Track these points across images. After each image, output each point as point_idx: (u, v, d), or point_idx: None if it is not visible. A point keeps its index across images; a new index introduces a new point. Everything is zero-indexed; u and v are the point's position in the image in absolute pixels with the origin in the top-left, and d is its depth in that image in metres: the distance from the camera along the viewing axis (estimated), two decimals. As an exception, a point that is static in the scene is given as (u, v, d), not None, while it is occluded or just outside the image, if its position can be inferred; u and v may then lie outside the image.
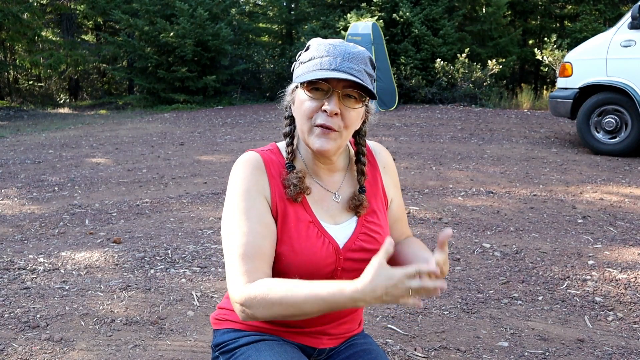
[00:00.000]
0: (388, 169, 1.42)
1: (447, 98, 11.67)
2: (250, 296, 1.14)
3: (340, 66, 1.17)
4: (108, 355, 2.13)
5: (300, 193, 1.26)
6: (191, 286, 2.79)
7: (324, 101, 1.19)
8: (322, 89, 1.20)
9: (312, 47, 1.23)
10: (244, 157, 1.28)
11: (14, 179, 5.37)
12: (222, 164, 5.98)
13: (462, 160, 5.98)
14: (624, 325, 2.43)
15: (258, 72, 14.77)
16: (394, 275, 1.02)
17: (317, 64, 1.19)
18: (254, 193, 1.23)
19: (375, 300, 1.04)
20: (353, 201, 1.31)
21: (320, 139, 1.20)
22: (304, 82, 1.20)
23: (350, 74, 1.17)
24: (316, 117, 1.20)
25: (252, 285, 1.15)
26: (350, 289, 1.05)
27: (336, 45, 1.20)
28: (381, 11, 12.38)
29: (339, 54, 1.19)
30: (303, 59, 1.24)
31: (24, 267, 3.03)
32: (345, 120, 1.20)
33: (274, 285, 1.13)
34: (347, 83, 1.19)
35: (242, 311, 1.16)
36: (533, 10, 15.55)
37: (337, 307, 1.09)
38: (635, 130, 6.01)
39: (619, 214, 4.04)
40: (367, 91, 1.19)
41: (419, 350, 2.21)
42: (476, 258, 3.20)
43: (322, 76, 1.16)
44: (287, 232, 1.24)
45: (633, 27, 5.89)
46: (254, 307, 1.13)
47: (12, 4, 12.71)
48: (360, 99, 1.22)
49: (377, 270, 1.03)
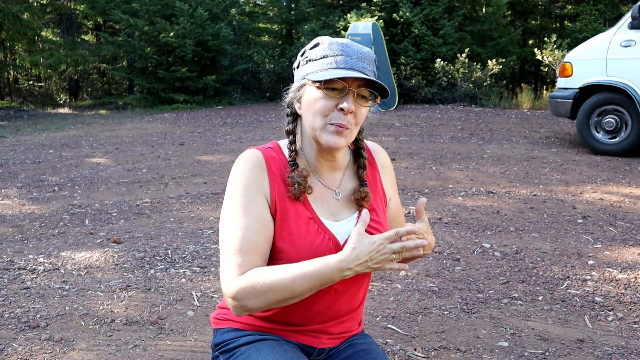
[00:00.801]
0: (386, 168, 1.44)
1: (447, 98, 11.67)
2: (241, 287, 1.15)
3: (355, 65, 1.19)
4: (108, 355, 2.13)
5: (302, 192, 1.27)
6: (191, 286, 2.79)
7: (340, 100, 1.20)
8: (338, 87, 1.21)
9: (323, 45, 1.23)
10: (245, 154, 1.29)
11: (14, 179, 5.37)
12: (222, 164, 5.98)
13: (462, 160, 5.98)
14: (624, 325, 2.43)
15: (258, 72, 14.78)
16: (374, 239, 1.10)
17: (332, 62, 1.20)
18: (253, 189, 1.25)
19: (360, 267, 1.10)
20: (357, 194, 1.33)
21: (334, 136, 1.22)
22: (319, 80, 1.20)
23: (365, 73, 1.19)
24: (331, 115, 1.21)
25: (241, 277, 1.17)
26: (335, 259, 1.11)
27: (349, 45, 1.22)
28: (381, 11, 12.38)
29: (354, 54, 1.20)
30: (313, 56, 1.24)
31: (24, 267, 3.03)
32: (356, 118, 1.23)
33: (261, 272, 1.16)
34: (361, 82, 1.20)
35: (235, 306, 1.17)
36: (533, 10, 15.56)
37: (326, 280, 1.13)
38: (635, 130, 6.01)
39: (619, 214, 4.04)
40: (381, 90, 1.22)
41: (419, 350, 2.21)
42: (476, 258, 3.20)
43: (341, 75, 1.17)
44: (287, 228, 1.25)
45: (633, 27, 5.89)
46: (246, 298, 1.15)
47: (12, 4, 12.71)
48: (370, 98, 1.24)
49: (357, 237, 1.10)
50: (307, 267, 1.13)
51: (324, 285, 1.14)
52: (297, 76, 1.29)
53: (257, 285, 1.14)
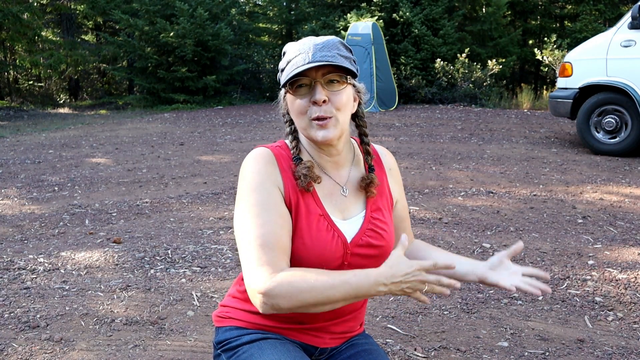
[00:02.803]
0: (393, 171, 1.46)
1: (447, 98, 11.67)
2: (277, 286, 1.13)
3: (313, 58, 1.21)
4: (108, 355, 2.13)
5: (310, 183, 1.28)
6: (191, 286, 2.79)
7: (310, 94, 1.23)
8: (305, 84, 1.24)
9: (287, 52, 1.28)
10: (255, 152, 1.30)
11: (14, 179, 5.37)
12: (222, 164, 5.98)
13: (462, 160, 5.98)
14: (624, 325, 2.43)
15: (258, 72, 14.78)
16: (413, 264, 1.12)
17: (293, 64, 1.23)
18: (268, 185, 1.25)
19: (394, 286, 1.11)
20: (363, 181, 1.34)
21: (320, 130, 1.24)
22: (286, 85, 1.25)
23: (323, 60, 1.21)
24: (310, 111, 1.24)
25: (279, 275, 1.14)
26: (375, 272, 1.12)
27: (305, 42, 1.26)
28: (381, 11, 12.38)
29: (309, 48, 1.23)
30: (282, 65, 1.29)
31: (24, 267, 3.03)
32: (335, 104, 1.24)
33: (301, 273, 1.15)
34: (325, 70, 1.23)
35: (265, 302, 1.14)
36: (533, 10, 15.56)
37: (362, 292, 1.13)
38: (635, 130, 6.01)
39: (619, 214, 4.04)
40: (346, 70, 1.24)
41: (419, 350, 2.21)
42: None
43: (297, 71, 1.21)
44: (299, 224, 1.26)
45: (633, 27, 5.89)
46: (280, 296, 1.12)
47: (12, 4, 12.71)
48: (342, 80, 1.25)
49: (397, 259, 1.13)
50: (347, 275, 1.13)
51: (359, 297, 1.14)
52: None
53: (295, 284, 1.12)
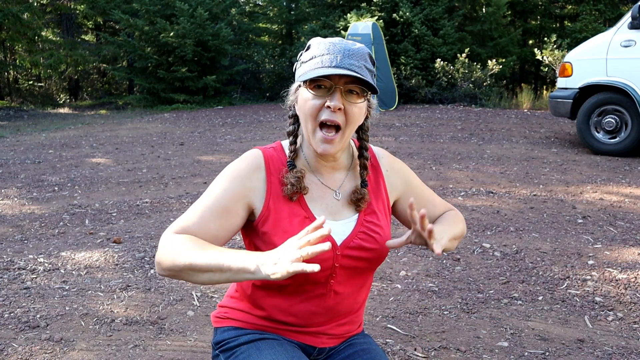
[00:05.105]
0: (392, 172, 1.44)
1: (447, 98, 11.67)
2: (168, 242, 1.17)
3: (340, 63, 1.20)
4: (108, 355, 2.13)
5: (296, 192, 1.27)
6: (191, 286, 2.79)
7: (327, 98, 1.21)
8: (325, 86, 1.22)
9: (313, 47, 1.25)
10: (246, 153, 1.32)
11: (14, 179, 5.37)
12: (222, 164, 5.97)
13: (462, 160, 5.98)
14: (624, 325, 2.43)
15: (258, 72, 14.78)
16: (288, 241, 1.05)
17: (319, 62, 1.21)
18: (237, 182, 1.27)
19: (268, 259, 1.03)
20: (355, 194, 1.33)
21: (323, 144, 1.24)
22: (306, 80, 1.22)
23: (350, 70, 1.19)
24: (320, 114, 1.22)
25: (176, 235, 1.19)
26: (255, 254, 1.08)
27: (336, 43, 1.23)
28: (381, 11, 12.38)
29: (339, 52, 1.21)
30: (304, 58, 1.26)
31: (24, 267, 3.03)
32: (348, 115, 1.23)
33: (191, 241, 1.16)
34: (348, 79, 1.21)
35: (157, 253, 1.19)
36: (533, 10, 15.54)
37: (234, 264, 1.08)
38: (635, 130, 6.01)
39: (619, 214, 4.04)
40: (368, 86, 1.22)
41: (419, 350, 2.21)
42: (476, 258, 3.20)
43: (323, 73, 1.18)
44: (282, 227, 1.25)
45: (633, 27, 5.89)
46: (162, 253, 1.16)
47: (12, 4, 12.71)
48: (362, 94, 1.24)
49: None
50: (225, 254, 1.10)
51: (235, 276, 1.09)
52: (295, 79, 1.31)
53: (175, 244, 1.15)
